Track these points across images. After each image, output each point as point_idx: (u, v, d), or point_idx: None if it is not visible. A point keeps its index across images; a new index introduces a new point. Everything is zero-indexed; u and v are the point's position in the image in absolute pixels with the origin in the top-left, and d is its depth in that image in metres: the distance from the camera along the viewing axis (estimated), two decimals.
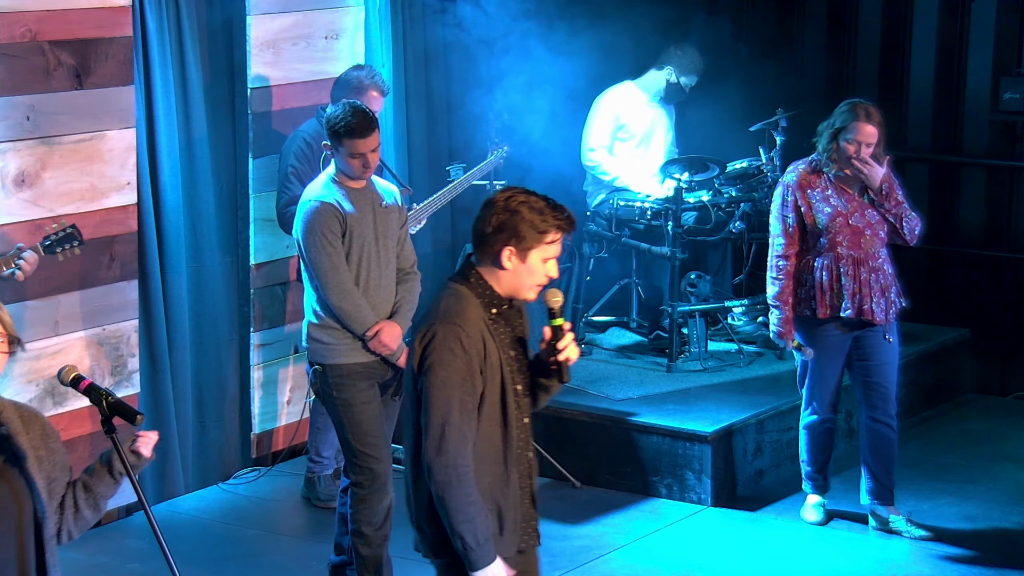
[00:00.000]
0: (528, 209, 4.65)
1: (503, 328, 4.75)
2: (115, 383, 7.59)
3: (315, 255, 6.46)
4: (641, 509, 7.95)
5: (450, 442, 4.58)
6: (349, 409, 6.54)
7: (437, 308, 4.68)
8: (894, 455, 7.51)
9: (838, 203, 7.25)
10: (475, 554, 4.62)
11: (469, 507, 4.60)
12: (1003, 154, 9.76)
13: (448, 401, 4.58)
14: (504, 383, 4.70)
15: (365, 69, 7.90)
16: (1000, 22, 9.65)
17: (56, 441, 4.42)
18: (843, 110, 7.23)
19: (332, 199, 6.47)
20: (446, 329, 4.61)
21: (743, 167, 9.26)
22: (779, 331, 7.38)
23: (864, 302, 7.23)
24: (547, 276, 4.72)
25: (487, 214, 4.69)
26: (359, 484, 6.56)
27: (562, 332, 4.73)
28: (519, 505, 4.79)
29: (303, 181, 7.67)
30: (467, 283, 4.72)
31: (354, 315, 6.48)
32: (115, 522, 7.74)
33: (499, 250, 4.67)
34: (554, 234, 4.67)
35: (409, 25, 9.13)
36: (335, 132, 6.43)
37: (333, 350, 6.53)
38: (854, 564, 7.27)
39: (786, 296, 7.34)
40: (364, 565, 6.61)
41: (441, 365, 4.59)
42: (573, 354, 4.76)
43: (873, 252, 7.27)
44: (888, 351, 7.40)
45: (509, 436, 4.72)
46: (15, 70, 7.07)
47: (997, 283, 9.80)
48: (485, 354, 4.64)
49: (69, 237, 6.70)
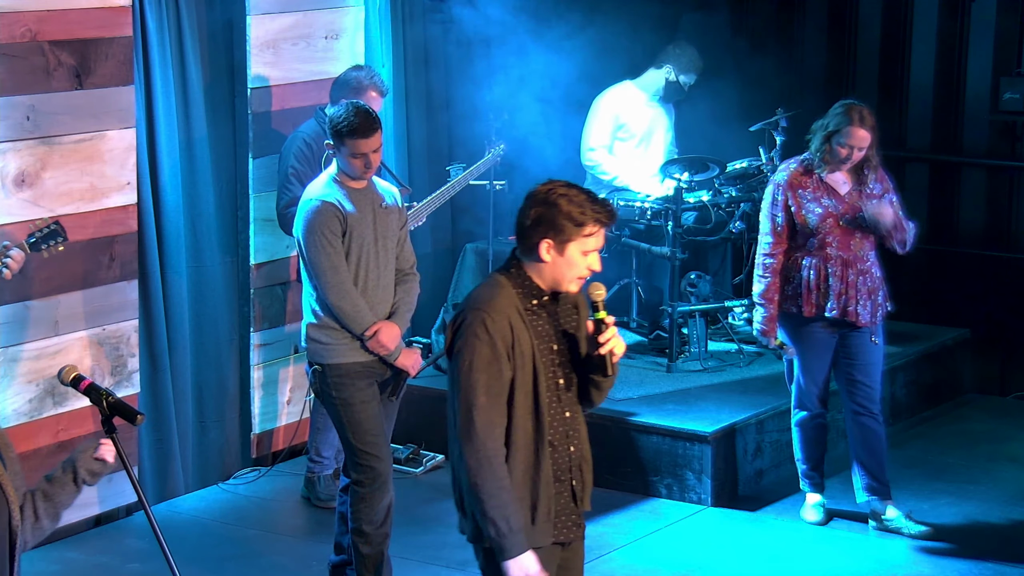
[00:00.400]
0: (567, 202, 4.66)
1: (544, 320, 4.75)
2: (115, 383, 7.59)
3: (315, 254, 6.46)
4: (641, 509, 7.95)
5: (477, 425, 4.59)
6: (349, 408, 6.54)
7: (470, 296, 4.74)
8: (884, 448, 7.52)
9: (829, 204, 7.27)
10: (507, 541, 4.61)
11: (500, 491, 4.60)
12: (1003, 154, 9.77)
13: (474, 385, 4.60)
14: (537, 373, 4.69)
15: (364, 70, 7.90)
16: (1000, 22, 9.66)
17: (13, 450, 4.37)
18: (837, 112, 7.24)
19: (333, 198, 6.47)
20: (473, 315, 4.64)
21: (743, 167, 9.26)
22: (762, 329, 7.43)
23: (849, 303, 7.26)
24: (589, 269, 4.72)
25: (527, 207, 4.72)
26: (360, 483, 6.56)
27: (605, 325, 4.71)
28: (555, 497, 4.76)
29: (303, 182, 7.66)
30: (507, 273, 4.76)
31: (353, 315, 6.48)
32: (115, 522, 7.73)
33: (537, 242, 4.68)
34: (592, 227, 4.66)
35: (409, 25, 9.13)
36: (338, 132, 6.43)
37: (332, 350, 6.53)
38: (854, 564, 7.27)
39: (771, 294, 7.37)
40: (364, 564, 6.61)
41: (467, 349, 4.62)
42: (619, 348, 4.74)
43: (862, 255, 7.29)
44: (874, 351, 7.42)
45: (541, 426, 4.71)
46: (15, 70, 7.07)
47: (997, 283, 9.80)
48: (514, 341, 4.65)
49: (53, 234, 6.68)
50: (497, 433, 4.62)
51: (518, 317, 4.68)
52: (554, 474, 4.76)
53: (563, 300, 4.81)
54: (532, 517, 4.71)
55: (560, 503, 4.79)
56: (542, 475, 4.72)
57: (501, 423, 4.64)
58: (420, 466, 8.39)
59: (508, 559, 4.62)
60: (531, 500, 4.71)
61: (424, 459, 8.44)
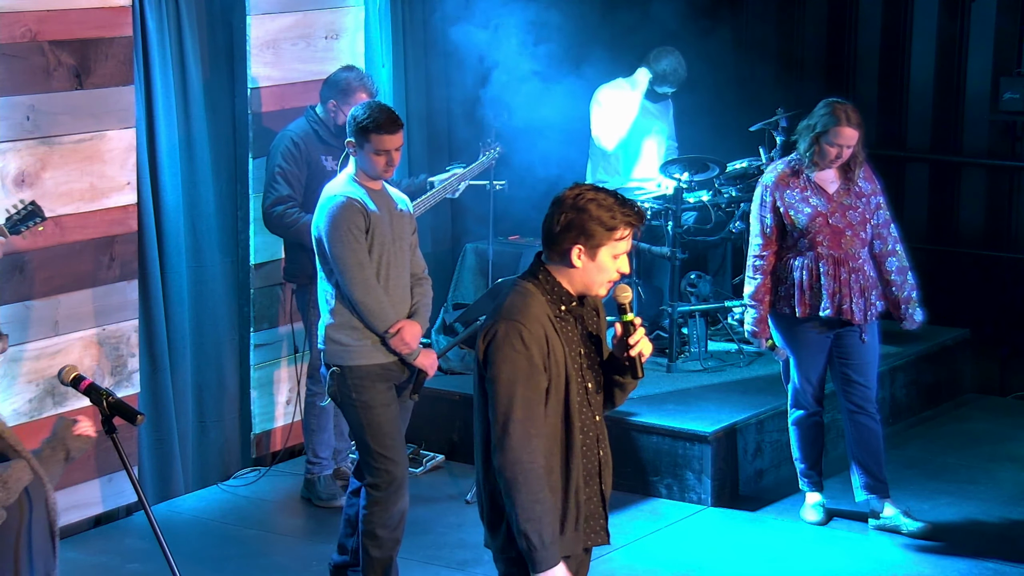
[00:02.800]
0: (596, 206, 4.61)
1: (573, 326, 4.72)
2: (115, 383, 7.59)
3: (340, 249, 6.40)
4: (641, 509, 7.96)
5: (514, 439, 4.54)
6: (369, 411, 6.48)
7: (501, 306, 4.65)
8: (881, 446, 7.52)
9: (818, 203, 7.28)
10: (540, 555, 4.56)
11: (535, 505, 4.56)
12: (1003, 154, 9.77)
13: (511, 398, 4.55)
14: (568, 380, 4.66)
15: (354, 71, 7.89)
16: (1000, 22, 9.66)
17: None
18: (822, 112, 7.24)
19: (357, 195, 6.45)
20: (507, 326, 4.58)
21: (743, 167, 9.26)
22: (754, 330, 7.44)
23: (843, 302, 7.26)
24: (618, 272, 4.69)
25: (555, 212, 4.65)
26: (376, 486, 6.50)
27: (633, 327, 4.68)
28: (585, 503, 4.74)
29: (290, 182, 7.67)
30: (535, 281, 4.69)
31: (377, 311, 6.44)
32: (115, 522, 7.73)
33: (568, 248, 4.63)
34: (623, 230, 4.63)
35: (409, 25, 9.14)
36: (362, 128, 6.40)
37: (352, 352, 6.48)
38: (854, 564, 7.27)
39: (762, 295, 7.38)
40: (372, 567, 6.55)
41: (504, 362, 4.56)
42: (647, 349, 4.72)
43: (853, 252, 7.29)
44: (869, 351, 7.42)
45: (572, 433, 4.68)
46: (15, 70, 7.07)
47: (997, 283, 9.80)
48: (548, 350, 4.60)
49: (31, 215, 6.64)
50: (534, 445, 4.57)
51: (550, 325, 4.63)
52: (584, 479, 4.74)
53: (586, 304, 4.78)
54: (563, 526, 4.68)
55: (590, 508, 4.78)
56: (572, 481, 4.69)
57: (538, 435, 4.59)
58: (420, 466, 8.39)
59: (541, 571, 4.58)
60: (563, 508, 4.68)
61: (424, 459, 8.44)
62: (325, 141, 7.81)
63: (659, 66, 9.22)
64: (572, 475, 4.69)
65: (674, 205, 8.85)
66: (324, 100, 7.83)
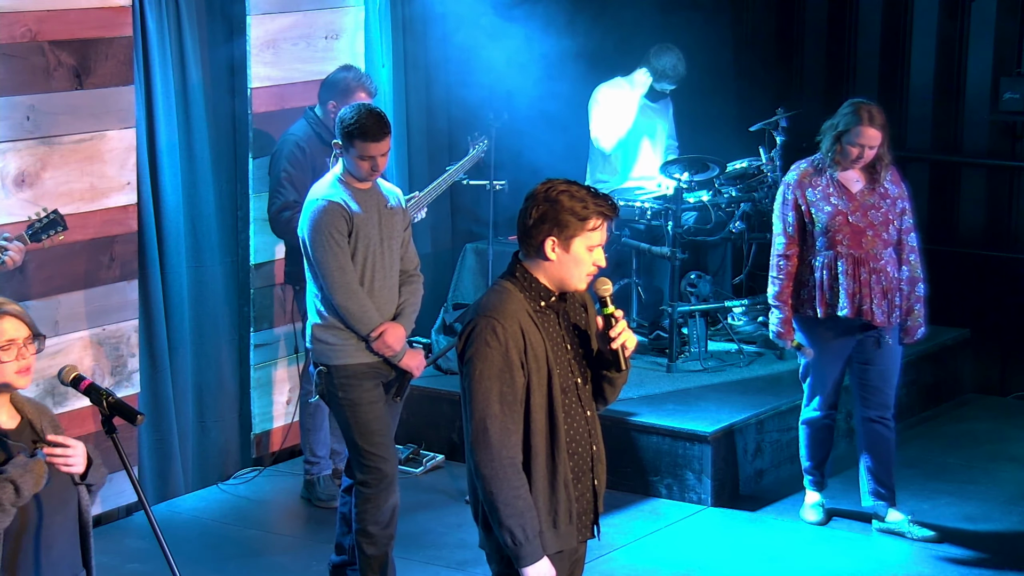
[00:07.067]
0: (568, 197, 4.62)
1: (554, 321, 4.72)
2: (115, 383, 7.59)
3: (321, 254, 6.44)
4: (641, 509, 7.96)
5: (492, 435, 4.55)
6: (356, 409, 6.52)
7: (479, 304, 4.68)
8: (893, 455, 7.51)
9: (839, 202, 7.23)
10: (523, 550, 4.58)
11: (517, 500, 4.56)
12: (1003, 154, 9.77)
13: (487, 394, 4.56)
14: (551, 375, 4.66)
15: (352, 71, 7.88)
16: (1000, 22, 9.66)
17: None
18: (846, 112, 7.18)
19: (339, 198, 6.45)
20: (483, 322, 4.59)
21: (743, 167, 9.26)
22: (778, 331, 7.37)
23: (864, 302, 7.18)
24: (595, 265, 4.68)
25: (528, 206, 4.67)
26: (366, 484, 6.54)
27: (615, 320, 4.67)
28: (576, 499, 4.74)
29: (295, 185, 7.66)
30: (512, 279, 4.70)
31: (359, 315, 6.46)
32: (115, 522, 7.74)
33: (542, 241, 4.64)
34: (596, 220, 4.62)
35: (409, 25, 9.13)
36: (347, 133, 6.41)
37: (338, 351, 6.51)
38: (854, 564, 7.27)
39: (786, 296, 7.32)
40: (369, 565, 6.58)
41: (478, 358, 4.57)
42: (630, 341, 4.72)
43: (875, 253, 7.21)
44: (889, 357, 7.36)
45: (557, 429, 4.67)
46: (15, 70, 7.07)
47: (997, 283, 9.80)
48: (526, 346, 4.61)
49: (53, 224, 6.66)
50: (512, 441, 4.58)
51: (529, 320, 4.64)
52: (576, 474, 4.74)
53: (571, 299, 4.78)
54: (554, 522, 4.69)
55: (583, 504, 4.78)
56: (560, 476, 4.69)
57: (516, 430, 4.60)
58: (420, 466, 8.39)
59: (525, 566, 4.59)
60: (554, 503, 4.68)
61: (424, 459, 8.44)
62: (327, 143, 7.81)
63: (660, 62, 9.22)
64: (559, 469, 4.69)
65: (674, 205, 8.85)
66: (323, 101, 7.83)
